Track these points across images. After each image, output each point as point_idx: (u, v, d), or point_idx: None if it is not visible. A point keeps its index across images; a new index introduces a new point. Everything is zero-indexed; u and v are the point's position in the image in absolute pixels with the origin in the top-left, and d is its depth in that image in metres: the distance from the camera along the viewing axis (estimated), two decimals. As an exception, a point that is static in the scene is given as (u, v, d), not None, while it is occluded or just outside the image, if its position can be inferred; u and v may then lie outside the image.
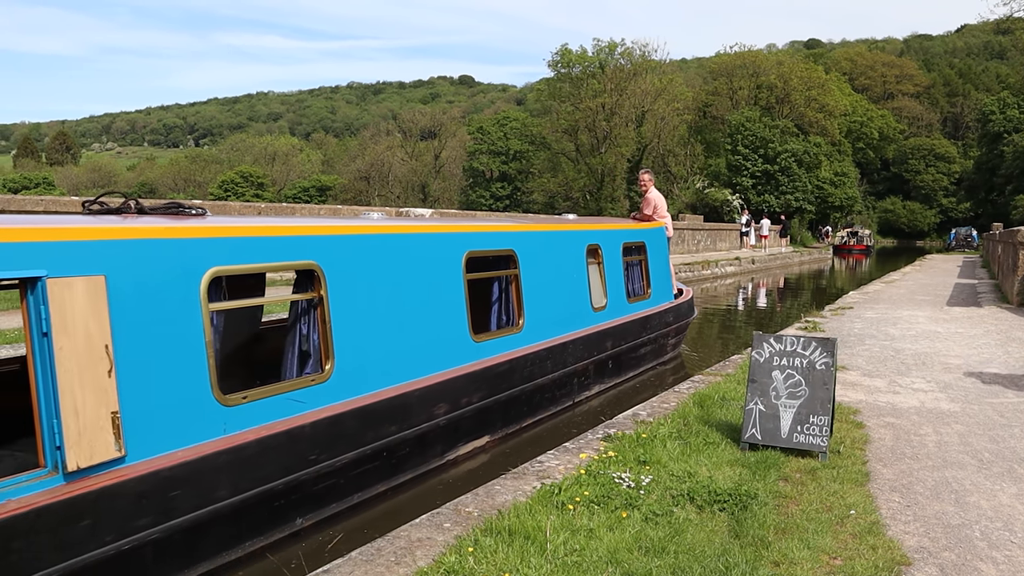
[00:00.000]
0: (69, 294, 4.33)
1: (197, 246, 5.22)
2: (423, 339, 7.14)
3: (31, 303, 4.24)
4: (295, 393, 5.75)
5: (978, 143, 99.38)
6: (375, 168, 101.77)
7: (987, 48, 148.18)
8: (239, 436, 5.23)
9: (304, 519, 5.93)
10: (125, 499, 4.50)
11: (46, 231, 4.39)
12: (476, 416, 7.76)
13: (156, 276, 4.90)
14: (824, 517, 5.11)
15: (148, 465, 4.65)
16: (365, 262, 6.59)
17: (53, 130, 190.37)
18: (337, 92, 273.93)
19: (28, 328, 4.26)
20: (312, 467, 5.78)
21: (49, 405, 4.24)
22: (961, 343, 12.44)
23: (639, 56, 68.57)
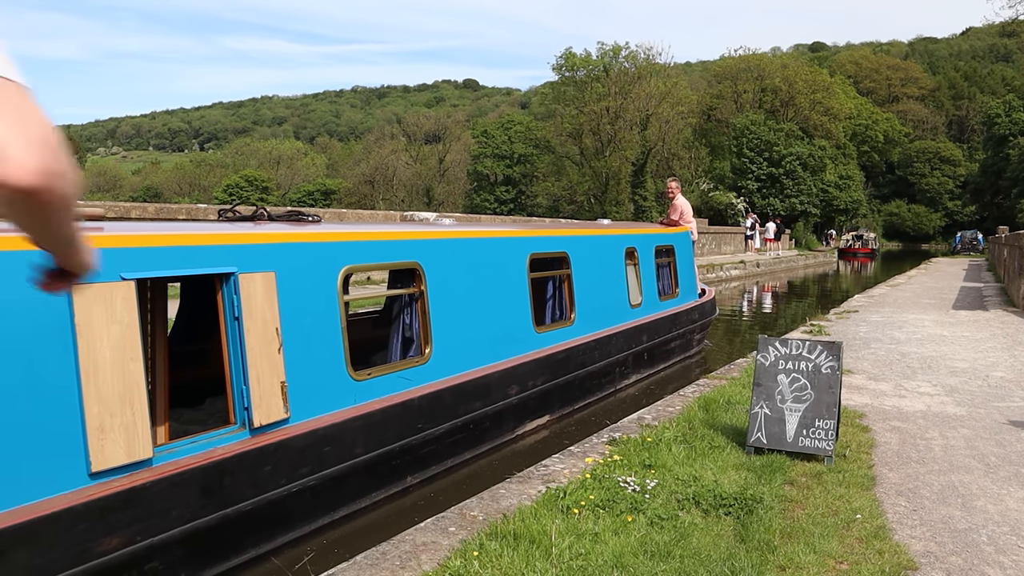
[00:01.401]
0: (252, 286, 5.44)
1: (336, 248, 6.41)
2: (498, 328, 8.28)
3: (225, 293, 5.33)
4: (404, 372, 6.85)
5: (983, 146, 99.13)
6: (379, 172, 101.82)
7: (992, 51, 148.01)
8: (367, 405, 6.32)
9: (412, 477, 6.97)
10: (293, 451, 5.59)
11: (237, 236, 5.55)
12: (540, 397, 8.85)
13: (309, 272, 6.03)
14: (830, 521, 5.09)
15: (306, 425, 5.74)
16: (454, 262, 7.77)
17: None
18: (342, 96, 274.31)
19: (222, 313, 5.33)
20: (419, 434, 6.85)
21: (239, 374, 5.33)
22: (967, 347, 12.40)
23: (643, 59, 68.53)
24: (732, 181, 64.04)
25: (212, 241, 5.34)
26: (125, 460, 4.55)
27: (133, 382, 4.63)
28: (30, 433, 4.19)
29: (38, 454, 4.21)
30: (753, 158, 64.33)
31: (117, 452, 4.51)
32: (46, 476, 4.22)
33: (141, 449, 4.63)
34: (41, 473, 4.21)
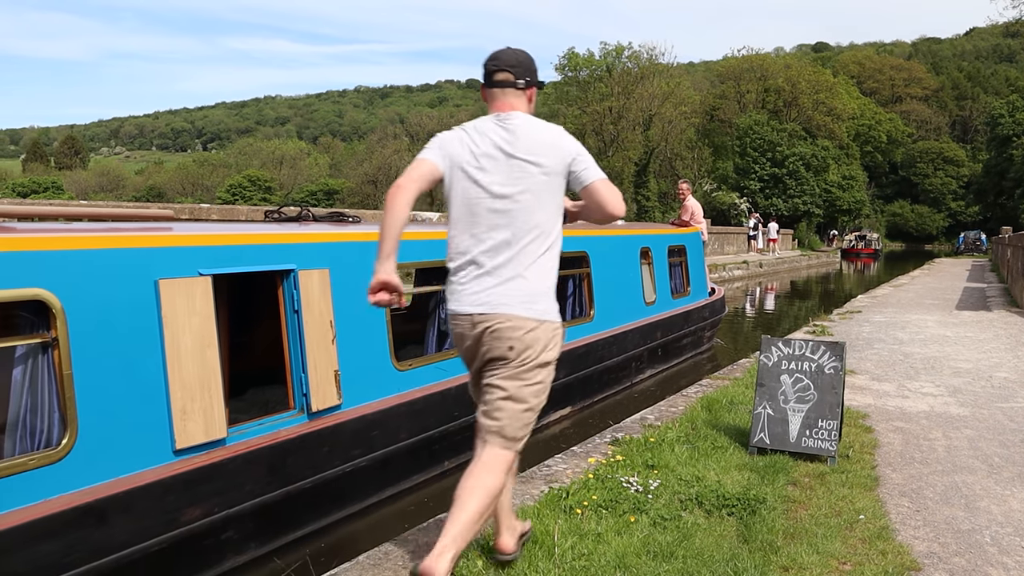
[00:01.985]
0: (310, 282, 5.92)
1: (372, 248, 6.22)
2: None
3: (286, 288, 5.84)
4: (440, 363, 7.30)
5: (987, 146, 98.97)
6: (382, 172, 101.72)
7: (996, 51, 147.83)
8: (410, 394, 6.78)
9: (449, 462, 7.39)
10: (345, 434, 6.04)
11: (296, 236, 6.02)
12: (562, 390, 9.02)
13: (358, 269, 6.34)
14: (833, 522, 5.08)
15: (357, 411, 6.21)
16: None
17: (62, 135, 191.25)
18: (345, 96, 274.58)
19: (283, 306, 5.81)
20: (455, 421, 7.22)
21: (298, 363, 5.80)
22: (971, 347, 12.39)
23: (646, 59, 68.54)
24: (735, 181, 64.02)
25: (275, 240, 5.84)
26: (204, 439, 5.06)
27: (210, 368, 5.13)
28: (127, 413, 4.72)
29: (133, 432, 4.75)
30: (756, 158, 64.32)
31: (197, 431, 5.02)
32: (140, 452, 4.76)
33: (217, 429, 5.15)
34: (135, 449, 4.75)
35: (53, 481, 4.32)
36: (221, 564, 5.24)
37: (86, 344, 4.54)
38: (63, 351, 4.43)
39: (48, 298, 4.38)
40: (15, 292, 4.27)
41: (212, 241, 5.37)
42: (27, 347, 4.39)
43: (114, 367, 4.67)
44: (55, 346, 4.42)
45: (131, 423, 4.72)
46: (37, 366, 4.42)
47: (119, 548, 4.51)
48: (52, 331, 4.42)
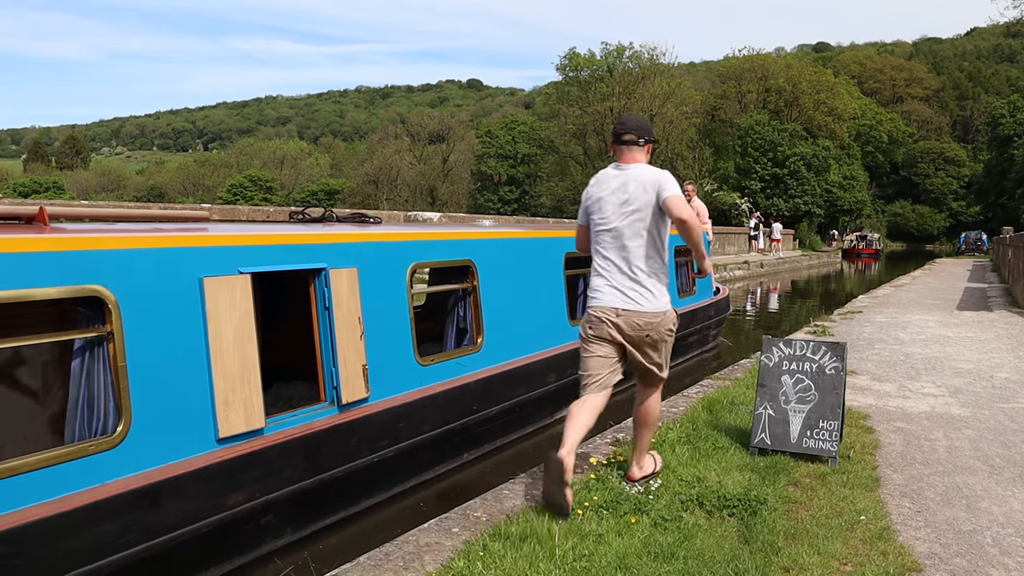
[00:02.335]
0: (339, 280, 6.18)
1: (405, 247, 7.17)
2: (539, 321, 9.04)
3: (317, 286, 6.09)
4: (460, 359, 7.60)
5: (988, 146, 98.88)
6: (383, 172, 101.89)
7: (997, 51, 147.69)
8: (431, 388, 7.08)
9: (469, 453, 7.77)
10: (374, 426, 6.34)
11: (327, 236, 6.33)
12: (575, 386, 9.07)
13: (383, 268, 6.77)
14: (834, 523, 5.08)
15: (383, 404, 6.49)
16: (502, 260, 8.53)
17: (63, 134, 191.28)
18: (346, 96, 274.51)
19: (314, 304, 6.08)
20: (474, 414, 7.60)
21: (328, 357, 6.07)
22: (972, 347, 12.38)
23: (647, 59, 68.61)
24: (736, 181, 64.00)
25: (307, 240, 6.14)
26: (244, 428, 5.34)
27: (249, 361, 5.39)
28: (175, 403, 5.00)
29: (181, 421, 5.02)
30: (757, 158, 64.28)
31: (238, 421, 5.30)
32: (187, 440, 5.04)
33: (256, 419, 5.42)
34: (183, 437, 5.02)
35: (110, 466, 4.60)
36: (260, 547, 5.57)
37: (138, 337, 4.82)
38: (118, 344, 4.71)
39: (104, 294, 4.67)
40: (74, 288, 4.55)
41: (251, 241, 5.70)
42: (85, 340, 4.68)
43: (163, 359, 4.95)
44: (110, 339, 4.70)
45: (179, 412, 5.02)
46: (94, 358, 4.70)
47: (170, 529, 4.82)
48: (108, 325, 4.69)
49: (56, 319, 4.71)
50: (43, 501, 4.23)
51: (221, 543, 5.24)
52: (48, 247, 4.49)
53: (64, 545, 4.24)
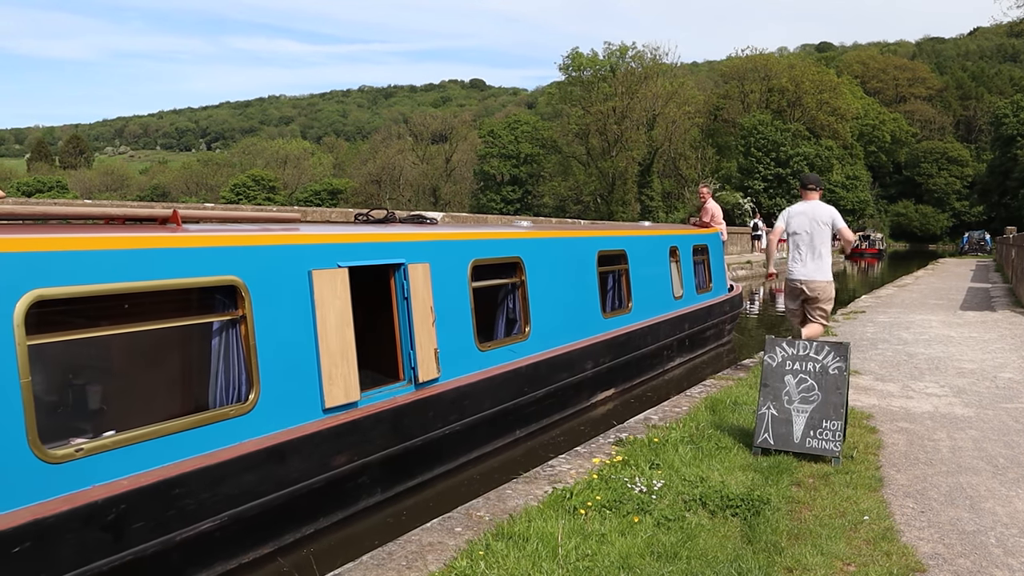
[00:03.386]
0: (415, 274, 7.05)
1: (467, 245, 8.05)
2: (576, 313, 9.87)
3: (398, 279, 6.98)
4: (511, 346, 8.45)
5: (991, 146, 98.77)
6: (386, 172, 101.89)
7: (1000, 51, 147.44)
8: (489, 371, 7.93)
9: (520, 431, 8.60)
10: (444, 402, 7.20)
11: (405, 235, 7.20)
12: (607, 373, 10.42)
13: (450, 263, 7.65)
14: (837, 523, 5.07)
15: (451, 383, 7.34)
16: (545, 257, 9.35)
17: (66, 134, 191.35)
18: (348, 96, 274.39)
19: (395, 294, 6.97)
20: (524, 396, 8.45)
21: (407, 341, 6.95)
22: (975, 347, 12.36)
23: (650, 59, 68.61)
24: (739, 181, 63.99)
25: (389, 239, 7.00)
26: (344, 401, 6.16)
27: (347, 343, 6.21)
28: (293, 377, 5.80)
29: (296, 392, 5.83)
30: (760, 158, 64.31)
31: (340, 394, 6.12)
32: (301, 408, 5.86)
33: (353, 393, 6.25)
34: (298, 406, 5.84)
35: (245, 428, 5.43)
36: (356, 504, 6.41)
37: (264, 320, 5.63)
38: (249, 325, 5.53)
39: (239, 283, 5.51)
40: (216, 279, 5.39)
41: (346, 239, 6.57)
42: (223, 322, 5.51)
43: (283, 339, 5.77)
44: (243, 322, 5.52)
45: (295, 385, 5.84)
46: (231, 337, 5.51)
47: (292, 483, 5.66)
48: (241, 309, 5.52)
49: (200, 304, 5.54)
50: (201, 454, 5.08)
51: (328, 498, 6.07)
52: (193, 243, 5.34)
53: (220, 490, 5.13)
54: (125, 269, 4.89)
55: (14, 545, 4.06)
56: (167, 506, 4.81)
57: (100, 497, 4.48)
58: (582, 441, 7.36)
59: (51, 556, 4.25)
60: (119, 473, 4.65)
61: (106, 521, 4.51)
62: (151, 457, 4.83)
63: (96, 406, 5.44)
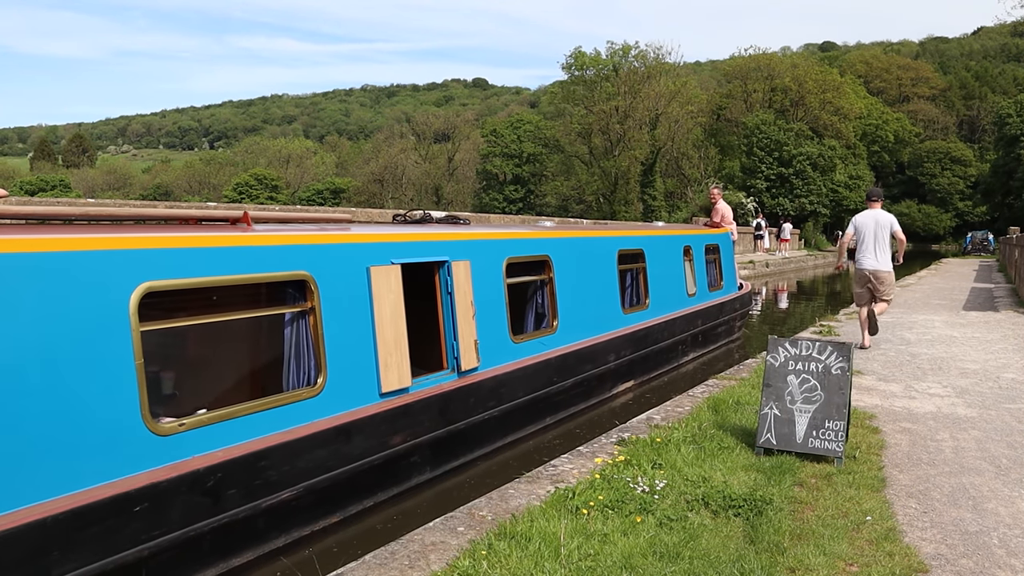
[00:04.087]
0: (458, 270, 7.64)
1: (502, 244, 8.65)
2: (598, 308, 10.45)
3: (442, 275, 7.56)
4: (541, 339, 9.04)
5: (995, 146, 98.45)
6: (389, 171, 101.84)
7: (1004, 51, 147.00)
8: (522, 362, 8.50)
9: (550, 418, 9.22)
10: (484, 390, 7.82)
11: (448, 235, 7.84)
12: (628, 365, 11.07)
13: (488, 261, 8.24)
14: (840, 523, 5.07)
15: (490, 372, 7.95)
16: (570, 255, 9.91)
17: (69, 133, 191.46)
18: (351, 95, 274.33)
19: (439, 289, 7.54)
20: (553, 385, 9.07)
21: (450, 333, 7.52)
22: (978, 348, 12.34)
23: (653, 59, 68.47)
24: (742, 181, 63.85)
25: (435, 238, 7.59)
26: (398, 386, 6.73)
27: (400, 333, 6.81)
28: (354, 363, 6.37)
29: (357, 377, 6.40)
30: (763, 158, 64.16)
31: (394, 380, 6.69)
32: (361, 392, 6.42)
33: (405, 380, 6.81)
34: (359, 390, 6.40)
35: (314, 409, 5.99)
36: (408, 481, 6.98)
37: (330, 312, 6.20)
38: (317, 316, 6.11)
39: (308, 278, 6.09)
40: (289, 274, 5.98)
41: (398, 238, 7.14)
42: (294, 313, 6.09)
43: (346, 329, 6.33)
44: (312, 313, 6.09)
45: (356, 370, 6.41)
46: (301, 327, 6.08)
47: (356, 460, 6.24)
48: (310, 302, 6.10)
49: (276, 297, 6.14)
50: (279, 431, 5.65)
51: (385, 474, 6.66)
52: (270, 242, 5.94)
53: (297, 463, 5.71)
54: (216, 264, 5.49)
55: (135, 505, 4.69)
56: (254, 476, 5.42)
57: (201, 466, 5.07)
58: (584, 441, 7.37)
59: (163, 516, 4.83)
60: (214, 446, 5.23)
61: (206, 487, 5.10)
62: (239, 433, 5.41)
63: (193, 386, 6.26)
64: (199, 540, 5.08)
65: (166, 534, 4.84)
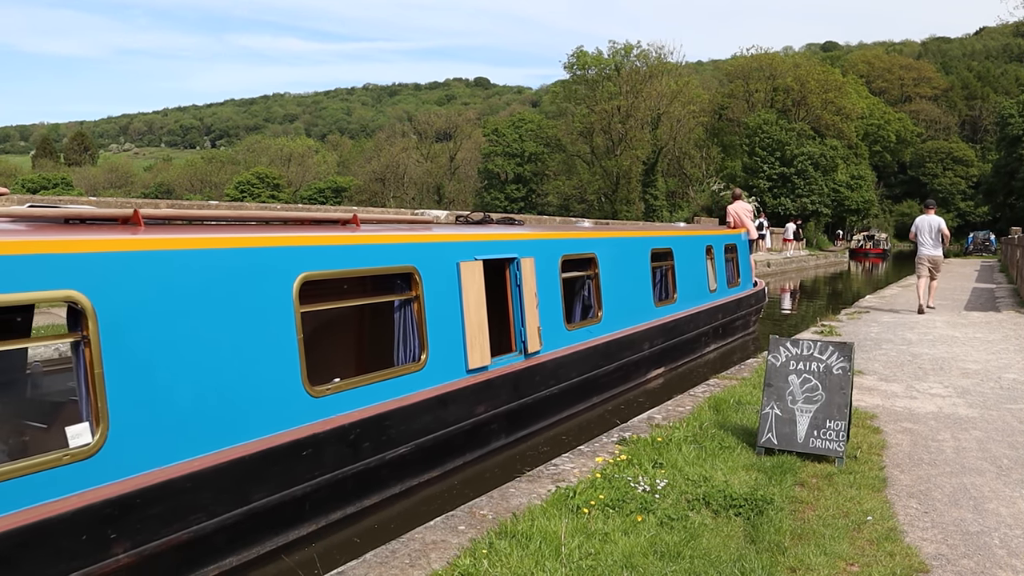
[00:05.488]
0: (525, 266, 8.73)
1: (558, 243, 9.74)
2: (635, 301, 11.54)
3: (512, 269, 8.62)
4: (588, 327, 10.05)
5: (996, 146, 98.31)
6: (390, 170, 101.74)
7: (1006, 51, 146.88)
8: (574, 347, 9.57)
9: (597, 397, 10.34)
10: (546, 370, 8.90)
11: (517, 235, 8.98)
12: (659, 353, 12.21)
13: (547, 258, 9.30)
14: (841, 523, 5.07)
15: (549, 355, 9.02)
16: (612, 253, 10.96)
17: (71, 131, 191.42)
18: (353, 94, 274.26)
19: (509, 282, 8.60)
20: (599, 369, 10.18)
21: (518, 320, 8.58)
22: (979, 348, 12.34)
23: (655, 58, 68.40)
24: (743, 180, 63.77)
25: (507, 238, 8.72)
26: (480, 364, 7.82)
27: (482, 318, 7.88)
28: (448, 342, 7.46)
29: (449, 355, 7.47)
30: (765, 157, 64.13)
31: (477, 358, 7.78)
32: (452, 368, 7.49)
33: (486, 359, 7.91)
34: (451, 366, 7.47)
35: (420, 381, 7.05)
36: (488, 445, 8.07)
37: (430, 299, 7.28)
38: (421, 303, 7.19)
39: (414, 271, 7.17)
40: (400, 267, 7.07)
41: (479, 238, 8.22)
42: (401, 301, 7.17)
43: (442, 314, 7.39)
44: (417, 300, 7.17)
45: (449, 349, 7.48)
46: (407, 313, 7.18)
47: (451, 424, 7.33)
48: (415, 291, 7.17)
49: (391, 286, 7.17)
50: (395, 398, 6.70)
51: (472, 438, 7.73)
52: (386, 241, 7.01)
53: (410, 425, 6.78)
54: (350, 258, 6.63)
55: (303, 450, 5.79)
56: (380, 433, 6.50)
57: (346, 422, 6.19)
58: (585, 440, 7.37)
59: (320, 461, 5.93)
60: (353, 407, 6.31)
61: (349, 439, 6.22)
62: (366, 398, 6.47)
63: (331, 358, 7.58)
64: (344, 482, 6.21)
65: (323, 475, 5.96)
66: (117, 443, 4.69)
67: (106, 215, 5.65)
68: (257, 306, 5.68)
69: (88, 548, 4.49)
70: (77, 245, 4.71)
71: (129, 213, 5.65)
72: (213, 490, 5.16)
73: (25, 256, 4.46)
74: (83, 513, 4.45)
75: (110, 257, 4.86)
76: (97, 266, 4.77)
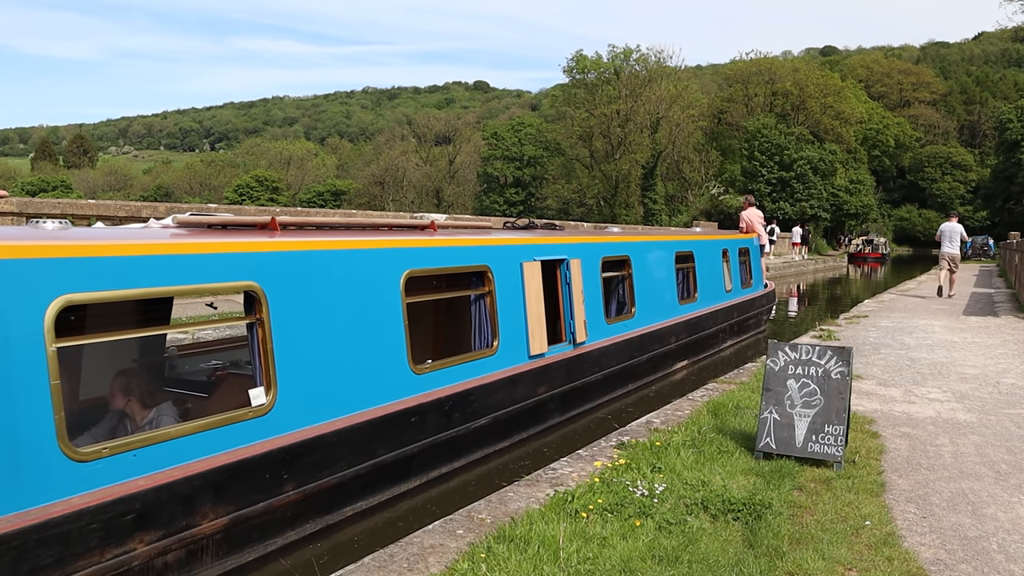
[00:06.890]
0: (574, 266, 9.77)
1: (599, 246, 10.74)
2: (662, 299, 12.62)
3: (562, 269, 9.65)
4: (624, 322, 11.13)
5: (995, 151, 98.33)
6: (389, 173, 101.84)
7: (1005, 55, 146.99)
8: (613, 339, 10.61)
9: (631, 385, 11.30)
10: (590, 359, 9.92)
11: (566, 239, 9.98)
12: (683, 347, 13.23)
13: (591, 259, 10.34)
14: (839, 527, 5.07)
15: (593, 345, 10.02)
16: (643, 255, 12.05)
17: (71, 133, 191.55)
18: (352, 97, 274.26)
19: (559, 280, 9.62)
20: (634, 359, 11.20)
21: (568, 313, 9.59)
22: (978, 353, 12.34)
23: (654, 62, 68.45)
24: (742, 184, 63.79)
25: (558, 241, 9.76)
26: (539, 351, 8.84)
27: (540, 311, 8.92)
28: (513, 331, 8.45)
29: (515, 341, 8.47)
30: (764, 161, 64.14)
31: (538, 346, 8.81)
32: (517, 353, 8.51)
33: (544, 346, 8.94)
34: (516, 351, 8.49)
35: (493, 364, 8.10)
36: (546, 422, 9.13)
37: (500, 294, 8.31)
38: (493, 297, 8.24)
39: (487, 269, 8.24)
40: (477, 266, 8.14)
41: (536, 241, 9.30)
42: (476, 295, 8.21)
43: (509, 307, 8.43)
44: (489, 295, 8.22)
45: (515, 337, 8.49)
46: (483, 305, 8.22)
47: (519, 402, 8.37)
48: (488, 287, 8.22)
49: (468, 282, 8.23)
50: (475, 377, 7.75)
51: (533, 415, 8.77)
52: (464, 244, 8.11)
53: (487, 401, 7.84)
54: (441, 259, 7.74)
55: (411, 416, 6.83)
56: (466, 406, 7.57)
57: (443, 395, 7.24)
58: (583, 444, 7.37)
59: (424, 426, 6.98)
60: (445, 383, 7.37)
61: (444, 410, 7.26)
62: (453, 377, 7.51)
63: (424, 342, 8.59)
64: (440, 446, 7.21)
65: (424, 439, 6.96)
66: (284, 404, 5.78)
67: (246, 222, 6.57)
68: (377, 296, 6.82)
69: (271, 484, 5.56)
70: (253, 246, 5.84)
71: (267, 220, 6.57)
72: (351, 444, 6.23)
73: (213, 255, 5.55)
74: (267, 456, 5.53)
75: (277, 255, 5.99)
76: (268, 262, 5.89)
